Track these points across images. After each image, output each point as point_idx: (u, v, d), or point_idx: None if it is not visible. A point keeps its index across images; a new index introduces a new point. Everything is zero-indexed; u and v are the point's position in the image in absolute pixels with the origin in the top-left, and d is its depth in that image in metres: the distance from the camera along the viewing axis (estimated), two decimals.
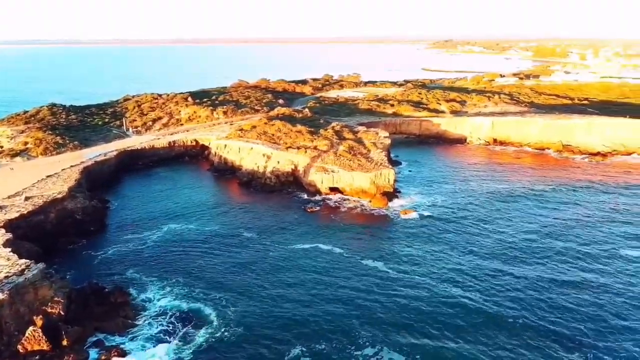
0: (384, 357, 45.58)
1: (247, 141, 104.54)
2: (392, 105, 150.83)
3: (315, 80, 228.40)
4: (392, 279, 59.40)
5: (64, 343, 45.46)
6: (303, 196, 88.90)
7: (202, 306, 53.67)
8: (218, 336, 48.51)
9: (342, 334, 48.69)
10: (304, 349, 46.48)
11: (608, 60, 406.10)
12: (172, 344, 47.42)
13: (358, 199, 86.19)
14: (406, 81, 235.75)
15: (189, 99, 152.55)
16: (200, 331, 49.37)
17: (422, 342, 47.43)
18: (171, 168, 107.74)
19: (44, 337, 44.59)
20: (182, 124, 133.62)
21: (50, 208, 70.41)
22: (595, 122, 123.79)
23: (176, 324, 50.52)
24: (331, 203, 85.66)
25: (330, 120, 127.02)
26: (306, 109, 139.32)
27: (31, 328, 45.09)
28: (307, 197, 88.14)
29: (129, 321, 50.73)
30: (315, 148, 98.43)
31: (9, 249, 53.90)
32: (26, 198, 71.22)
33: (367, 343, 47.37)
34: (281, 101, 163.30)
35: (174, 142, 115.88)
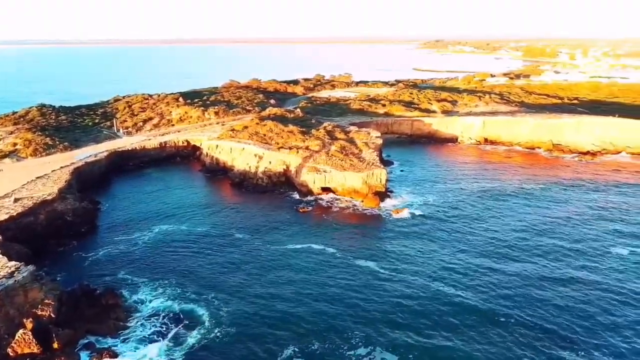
0: (377, 356, 45.74)
1: (239, 141, 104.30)
2: (384, 105, 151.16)
3: (306, 80, 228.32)
4: (385, 278, 59.58)
5: (55, 346, 45.06)
6: (295, 196, 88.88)
7: (195, 307, 53.49)
8: (211, 336, 48.40)
9: (335, 333, 48.78)
10: (297, 349, 46.49)
11: (597, 60, 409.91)
12: (165, 345, 47.21)
13: (350, 199, 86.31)
14: (397, 81, 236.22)
15: (180, 100, 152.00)
16: (192, 332, 49.21)
17: (415, 340, 47.64)
18: (162, 169, 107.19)
19: (34, 340, 44.16)
20: (174, 125, 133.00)
21: (40, 209, 69.73)
22: (584, 122, 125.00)
23: (168, 325, 50.28)
24: (323, 203, 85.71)
25: (322, 120, 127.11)
26: (298, 109, 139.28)
27: (21, 331, 44.65)
28: (299, 197, 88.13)
29: (121, 323, 50.40)
30: (307, 148, 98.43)
31: None
32: (15, 200, 70.53)
33: (360, 342, 47.49)
34: (273, 101, 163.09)
35: (165, 143, 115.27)
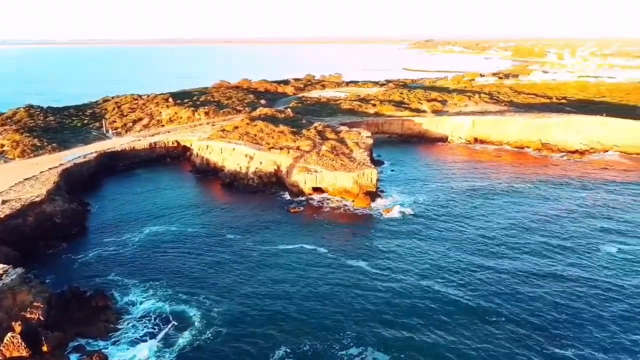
0: (369, 354, 45.88)
1: (229, 142, 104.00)
2: (374, 105, 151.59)
3: (297, 80, 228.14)
4: (376, 277, 59.79)
5: (44, 349, 44.64)
6: (286, 196, 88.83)
7: (186, 307, 53.28)
8: (202, 337, 48.25)
9: (327, 332, 48.87)
10: (289, 349, 46.49)
11: (585, 59, 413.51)
12: (155, 347, 46.96)
13: (341, 199, 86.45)
14: (388, 81, 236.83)
15: (170, 100, 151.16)
16: (184, 332, 49.02)
17: (407, 337, 47.87)
18: (152, 169, 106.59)
19: (23, 343, 43.66)
20: (163, 125, 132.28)
21: (28, 211, 68.99)
22: (572, 121, 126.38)
23: (160, 326, 50.03)
24: (314, 203, 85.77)
25: (312, 120, 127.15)
26: (288, 109, 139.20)
27: (10, 334, 44.12)
28: (290, 198, 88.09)
29: (111, 325, 50.06)
30: (297, 148, 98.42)
31: None
32: (3, 201, 69.71)
33: (352, 341, 47.60)
34: (263, 101, 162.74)
35: (155, 144, 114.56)
